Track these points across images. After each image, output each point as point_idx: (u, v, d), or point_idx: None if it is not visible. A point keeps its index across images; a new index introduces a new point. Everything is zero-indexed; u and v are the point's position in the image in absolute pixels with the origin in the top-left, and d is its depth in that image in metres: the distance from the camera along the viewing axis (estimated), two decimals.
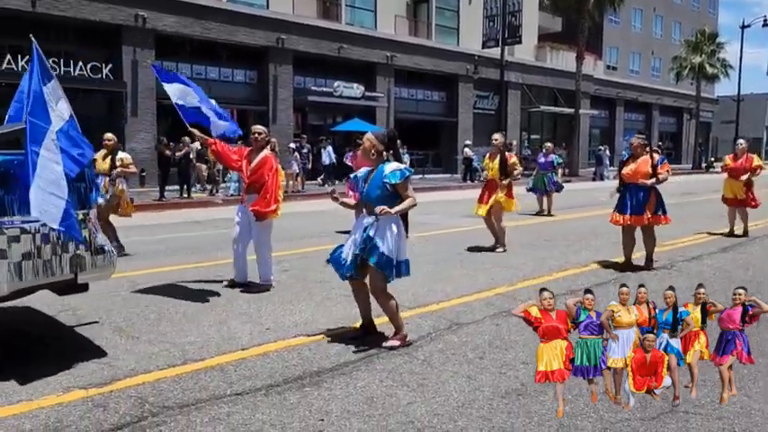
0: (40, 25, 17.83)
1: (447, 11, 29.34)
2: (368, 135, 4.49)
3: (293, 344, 4.49)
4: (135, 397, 3.54)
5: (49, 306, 5.46)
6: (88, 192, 4.13)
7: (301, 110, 24.34)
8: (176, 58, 20.90)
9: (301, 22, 23.13)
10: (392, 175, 4.25)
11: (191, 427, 3.19)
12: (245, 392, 3.63)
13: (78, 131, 3.98)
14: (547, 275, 6.89)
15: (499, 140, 8.55)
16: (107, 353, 4.28)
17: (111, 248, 4.27)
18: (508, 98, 30.85)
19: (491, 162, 8.62)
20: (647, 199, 6.97)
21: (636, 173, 6.97)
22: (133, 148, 19.36)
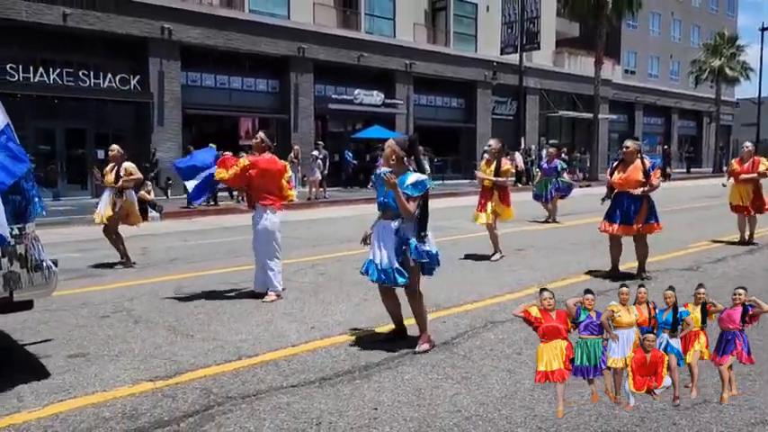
0: (71, 39, 18.48)
1: (465, 18, 29.60)
2: (389, 141, 4.53)
3: (339, 341, 4.75)
4: (199, 388, 3.82)
5: (104, 306, 5.79)
6: (26, 205, 3.90)
7: (322, 117, 24.72)
8: (200, 69, 21.39)
9: (322, 31, 23.53)
10: (412, 189, 4.31)
11: (255, 415, 3.45)
12: (300, 384, 3.89)
13: (16, 142, 3.82)
14: (574, 278, 7.08)
15: (495, 147, 8.35)
16: (166, 349, 4.57)
17: (51, 264, 3.99)
18: (527, 103, 31.01)
19: (487, 168, 8.41)
20: (638, 208, 6.66)
21: (628, 180, 6.66)
22: (160, 156, 19.86)
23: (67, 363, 4.30)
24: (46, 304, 5.89)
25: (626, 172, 6.67)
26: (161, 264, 8.30)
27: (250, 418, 3.40)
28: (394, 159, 4.40)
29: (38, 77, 17.98)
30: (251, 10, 22.14)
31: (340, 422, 3.36)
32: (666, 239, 9.71)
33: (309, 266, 7.78)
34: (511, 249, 9.14)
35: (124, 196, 8.01)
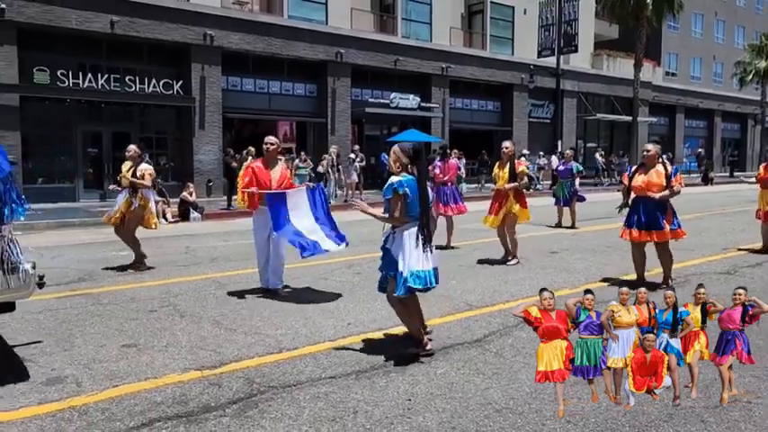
0: (118, 46, 19.16)
1: (502, 21, 29.55)
2: (394, 147, 4.47)
3: (374, 337, 4.93)
4: (243, 378, 4.04)
5: (151, 302, 6.10)
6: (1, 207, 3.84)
7: (358, 121, 25.00)
8: (240, 74, 21.89)
9: (359, 36, 23.82)
10: (386, 190, 4.32)
11: (296, 403, 3.65)
12: (338, 376, 4.07)
13: None
14: (609, 279, 7.10)
15: (510, 148, 8.18)
16: (211, 341, 4.82)
17: (27, 267, 3.93)
18: (564, 106, 30.76)
19: (501, 171, 8.23)
20: (659, 213, 6.40)
21: (649, 185, 6.40)
22: (200, 159, 20.44)
23: (121, 352, 4.58)
24: (98, 299, 6.25)
25: (647, 176, 6.44)
26: (204, 262, 8.61)
27: (291, 406, 3.60)
28: (399, 167, 4.37)
29: (86, 83, 18.68)
30: (290, 16, 22.56)
31: (375, 411, 3.53)
32: (702, 244, 9.64)
33: (346, 266, 7.98)
34: (545, 252, 9.21)
35: (140, 194, 7.85)
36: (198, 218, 15.16)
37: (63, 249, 10.07)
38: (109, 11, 18.18)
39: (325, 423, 3.38)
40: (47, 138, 18.77)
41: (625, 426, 3.35)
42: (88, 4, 17.87)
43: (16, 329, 5.17)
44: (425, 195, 4.34)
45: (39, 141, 18.54)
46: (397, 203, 4.26)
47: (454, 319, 5.40)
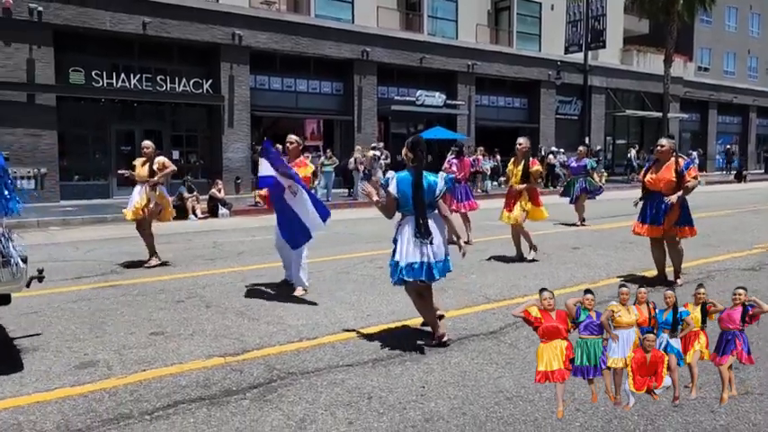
0: (150, 46, 19.61)
1: (528, 17, 29.36)
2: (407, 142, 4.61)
3: (392, 327, 5.07)
4: (264, 365, 4.21)
5: (179, 293, 6.32)
6: None
7: (384, 119, 25.13)
8: (268, 72, 22.20)
9: (385, 34, 23.93)
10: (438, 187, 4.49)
11: (313, 389, 3.80)
12: (355, 364, 4.21)
13: None
14: (629, 275, 7.11)
15: (524, 145, 8.06)
16: (234, 330, 5.00)
17: (19, 261, 4.00)
18: (592, 103, 30.44)
19: (515, 168, 8.10)
20: (668, 209, 6.31)
21: (658, 180, 6.39)
22: (229, 157, 20.80)
23: (149, 339, 4.80)
24: (128, 290, 6.51)
25: (658, 172, 6.41)
26: (231, 256, 8.84)
27: (308, 391, 3.75)
28: (407, 160, 4.55)
29: (120, 83, 19.17)
30: (317, 15, 22.79)
31: (389, 397, 3.66)
32: (728, 240, 9.54)
33: (368, 260, 8.13)
34: (567, 247, 9.23)
35: (158, 190, 7.97)
36: (226, 214, 15.47)
37: (97, 243, 10.42)
38: (141, 12, 18.63)
39: (341, 407, 3.52)
40: (82, 136, 19.32)
41: (634, 415, 3.42)
42: (121, 5, 18.34)
43: (52, 317, 5.44)
44: (419, 189, 4.39)
45: (74, 140, 19.09)
46: (387, 197, 4.50)
47: (471, 312, 5.51)
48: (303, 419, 3.36)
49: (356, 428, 3.27)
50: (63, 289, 6.63)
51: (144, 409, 3.49)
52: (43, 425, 3.31)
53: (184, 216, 14.98)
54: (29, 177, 17.66)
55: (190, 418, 3.38)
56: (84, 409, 3.51)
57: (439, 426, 3.30)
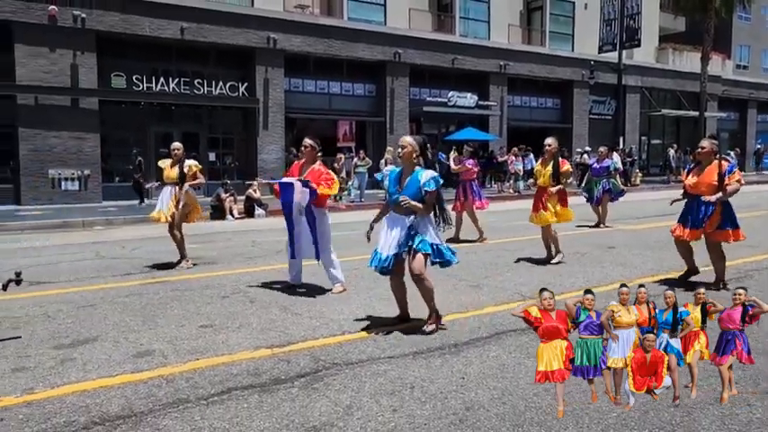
0: (188, 51, 20.13)
1: (561, 17, 29.19)
2: (408, 140, 4.81)
3: None
4: (309, 356, 4.40)
5: (223, 289, 6.57)
6: None
7: (416, 120, 25.27)
8: (302, 75, 22.56)
9: (417, 36, 24.09)
10: (428, 184, 4.67)
11: (357, 378, 3.97)
12: (396, 356, 4.38)
13: None
14: (664, 274, 7.13)
15: (552, 146, 7.97)
16: (279, 324, 5.22)
17: None
18: (626, 102, 30.11)
19: (543, 168, 8.02)
20: (710, 212, 6.17)
21: (699, 183, 6.23)
22: (264, 158, 21.20)
23: (199, 331, 5.04)
24: (176, 286, 6.79)
25: (699, 174, 6.28)
26: (269, 255, 9.10)
27: (353, 380, 3.93)
28: (415, 158, 4.76)
29: (159, 87, 19.73)
30: (349, 17, 23.06)
31: (431, 387, 3.81)
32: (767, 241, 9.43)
33: None
34: (602, 247, 9.26)
35: (187, 191, 7.95)
36: (262, 214, 15.81)
37: (140, 242, 10.80)
38: (180, 18, 19.15)
39: (385, 395, 3.69)
40: (123, 139, 19.93)
41: (670, 407, 3.50)
42: (161, 11, 18.89)
43: (107, 310, 5.74)
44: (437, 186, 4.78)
45: (116, 142, 19.71)
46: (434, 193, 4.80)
47: (507, 308, 5.60)
48: (350, 406, 3.54)
49: (400, 415, 3.43)
50: (114, 285, 6.95)
51: (200, 395, 3.71)
52: (108, 407, 3.55)
53: (222, 216, 15.38)
54: (73, 179, 18.30)
55: (243, 404, 3.58)
56: (145, 393, 3.74)
57: (480, 414, 3.44)
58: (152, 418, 3.41)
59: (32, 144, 17.67)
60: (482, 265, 7.94)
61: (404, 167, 4.88)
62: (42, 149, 17.77)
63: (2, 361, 4.35)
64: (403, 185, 4.78)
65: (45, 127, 17.71)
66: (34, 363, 4.31)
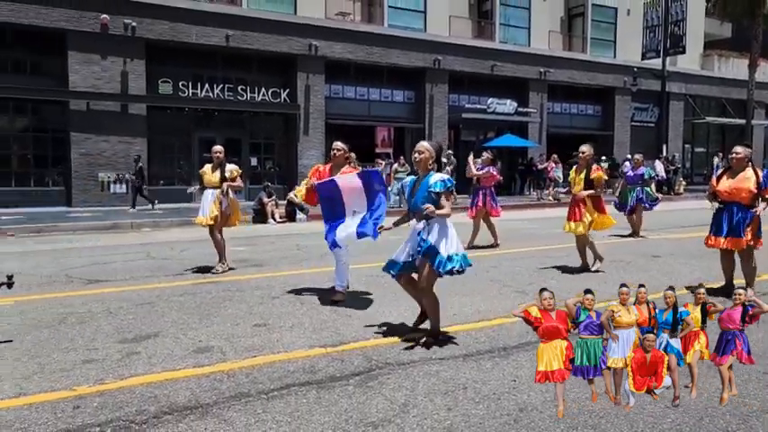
0: (232, 58, 20.61)
1: (603, 23, 28.87)
2: (425, 145, 4.76)
3: (478, 326, 5.28)
4: (362, 355, 4.52)
5: (273, 289, 6.76)
6: None
7: (455, 126, 25.31)
8: (342, 82, 22.85)
9: (456, 42, 24.15)
10: (436, 185, 4.60)
11: (410, 378, 4.07)
12: (447, 358, 4.47)
13: None
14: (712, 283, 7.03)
15: (587, 153, 7.86)
16: (331, 325, 5.36)
17: None
18: (670, 110, 29.58)
19: (577, 176, 7.94)
20: (748, 219, 6.10)
21: (738, 191, 6.13)
22: (305, 163, 21.47)
23: (254, 329, 5.22)
24: (227, 286, 7.00)
25: (735, 181, 6.17)
26: (314, 258, 9.28)
27: (406, 380, 4.04)
28: (431, 164, 4.72)
29: (203, 93, 20.25)
30: (390, 24, 23.27)
31: (483, 388, 3.89)
32: None
33: None
34: (647, 255, 9.18)
35: (230, 194, 8.00)
36: (303, 219, 16.05)
37: (188, 244, 11.12)
38: (225, 25, 19.64)
39: (439, 395, 3.78)
40: (168, 144, 20.51)
41: (726, 414, 3.50)
42: (208, 19, 19.41)
43: (164, 308, 5.97)
44: None
45: (161, 147, 20.27)
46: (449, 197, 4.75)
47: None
48: (405, 404, 3.64)
49: (455, 414, 3.51)
50: (168, 284, 7.21)
51: (260, 390, 3.86)
52: (176, 398, 3.73)
53: (264, 220, 15.69)
54: (120, 182, 18.89)
55: (302, 399, 3.72)
56: (209, 386, 3.92)
57: (533, 415, 3.50)
58: (217, 409, 3.58)
59: (83, 148, 18.32)
60: (526, 271, 7.97)
61: (419, 173, 4.85)
62: (92, 153, 18.41)
63: (72, 353, 4.59)
64: (415, 191, 4.75)
65: (95, 132, 18.35)
66: (102, 355, 4.54)
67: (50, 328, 5.29)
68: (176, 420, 3.43)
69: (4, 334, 5.10)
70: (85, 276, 7.84)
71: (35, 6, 17.22)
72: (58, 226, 13.96)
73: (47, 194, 18.42)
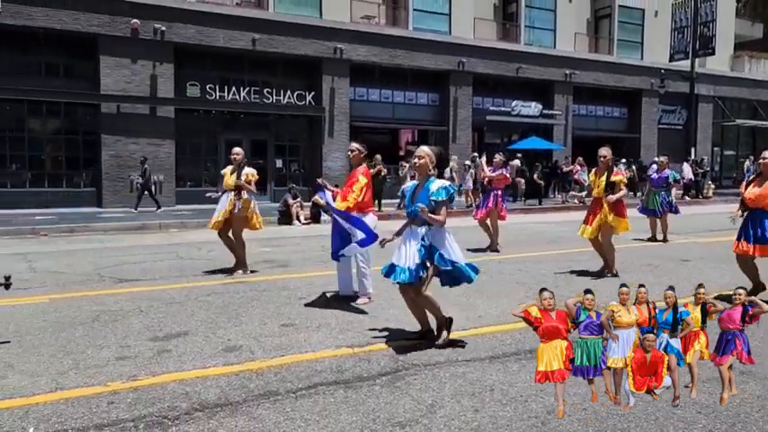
0: (258, 61, 20.82)
1: (630, 25, 28.53)
2: (426, 150, 4.69)
3: (504, 329, 5.27)
4: (389, 356, 4.56)
5: (300, 290, 6.82)
6: None
7: (479, 129, 25.23)
8: (366, 84, 22.93)
9: (481, 45, 24.09)
10: (437, 193, 4.53)
11: (436, 379, 4.09)
12: (473, 360, 4.48)
13: None
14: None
15: (607, 156, 7.78)
16: (357, 325, 5.41)
17: None
18: (698, 112, 29.12)
19: (597, 179, 7.85)
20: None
21: (762, 197, 6.03)
22: (329, 165, 21.63)
23: (281, 329, 5.28)
24: (254, 287, 7.09)
25: (761, 187, 6.05)
26: None
27: (433, 381, 4.06)
28: (431, 170, 4.66)
29: (230, 95, 20.49)
30: (414, 27, 23.29)
31: (511, 390, 3.90)
32: None
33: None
34: (676, 260, 9.07)
35: (243, 195, 7.87)
36: (328, 220, 16.09)
37: (214, 245, 11.19)
38: (252, 29, 19.86)
39: (466, 396, 3.79)
40: (196, 146, 20.79)
41: (759, 420, 3.46)
42: (235, 23, 19.65)
43: (193, 307, 6.08)
44: None
45: (189, 149, 20.56)
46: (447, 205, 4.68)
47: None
48: (432, 405, 3.67)
49: (483, 415, 3.53)
50: (197, 284, 7.33)
51: (289, 388, 3.91)
52: (207, 395, 3.80)
53: (289, 221, 15.81)
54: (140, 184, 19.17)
55: (330, 398, 3.77)
56: (238, 385, 3.98)
57: (561, 418, 3.50)
58: (246, 407, 3.64)
59: (114, 150, 18.67)
60: (551, 274, 7.92)
61: (419, 178, 4.78)
62: (122, 155, 18.75)
63: (105, 350, 4.71)
64: (416, 197, 4.66)
65: (125, 134, 18.68)
66: (134, 352, 4.64)
67: (84, 325, 5.43)
68: (207, 417, 3.49)
69: (41, 330, 5.25)
70: (117, 275, 8.00)
71: (71, 12, 17.62)
72: (90, 226, 14.25)
73: (78, 195, 18.81)
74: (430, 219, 4.49)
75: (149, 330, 5.24)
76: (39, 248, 10.96)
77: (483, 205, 10.41)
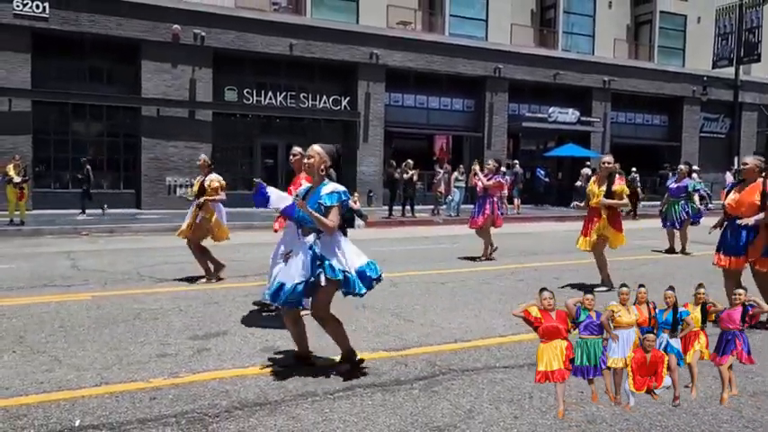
0: (295, 66, 21.05)
1: (672, 31, 28.00)
2: (316, 149, 4.17)
3: None
4: (425, 361, 4.54)
5: None
6: None
7: (515, 135, 25.03)
8: (402, 90, 22.99)
9: (518, 51, 23.93)
10: (328, 197, 4.02)
11: (474, 385, 4.06)
12: (511, 366, 4.43)
13: None
14: None
15: (610, 164, 7.34)
16: (393, 329, 5.40)
17: None
18: (742, 120, 28.38)
19: (597, 188, 7.32)
20: (751, 236, 5.51)
21: (740, 203, 5.60)
22: (363, 170, 21.72)
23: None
24: None
25: (742, 194, 5.64)
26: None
27: (471, 386, 4.03)
28: (322, 170, 4.13)
29: (267, 100, 20.77)
30: (451, 33, 23.26)
31: (549, 398, 3.83)
32: None
33: (509, 273, 8.30)
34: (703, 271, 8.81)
35: (206, 206, 7.56)
36: (361, 225, 16.14)
37: (251, 247, 11.41)
38: (289, 35, 20.11)
39: (504, 403, 3.75)
40: (232, 149, 21.11)
41: None
42: (273, 29, 19.93)
43: (231, 307, 6.16)
44: None
45: (225, 152, 20.87)
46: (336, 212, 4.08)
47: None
48: (470, 410, 3.64)
49: (521, 423, 3.48)
50: (234, 285, 7.43)
51: (327, 390, 3.93)
52: (246, 394, 3.84)
53: None
54: (185, 186, 19.52)
55: (368, 401, 3.77)
56: (276, 384, 4.01)
57: (602, 428, 3.43)
58: (285, 406, 3.66)
59: (153, 153, 19.08)
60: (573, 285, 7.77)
61: (313, 180, 4.26)
62: (161, 158, 19.15)
63: (147, 347, 4.80)
64: (306, 201, 4.09)
65: (164, 137, 19.08)
66: (174, 350, 4.72)
67: (126, 322, 5.54)
68: (247, 415, 3.53)
69: (85, 326, 5.38)
70: (156, 275, 8.16)
71: (116, 18, 18.10)
72: (129, 227, 14.58)
73: (118, 197, 19.26)
74: (318, 223, 3.97)
75: (189, 329, 5.33)
76: (81, 247, 11.26)
77: (480, 212, 9.91)
